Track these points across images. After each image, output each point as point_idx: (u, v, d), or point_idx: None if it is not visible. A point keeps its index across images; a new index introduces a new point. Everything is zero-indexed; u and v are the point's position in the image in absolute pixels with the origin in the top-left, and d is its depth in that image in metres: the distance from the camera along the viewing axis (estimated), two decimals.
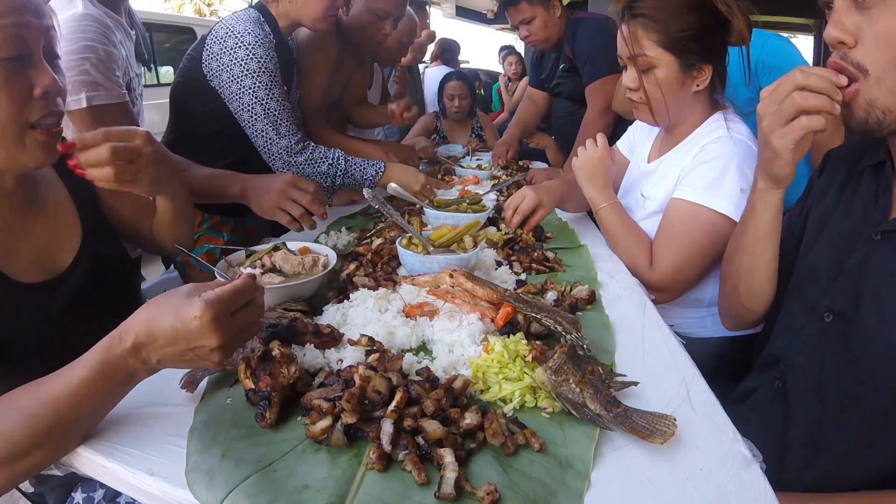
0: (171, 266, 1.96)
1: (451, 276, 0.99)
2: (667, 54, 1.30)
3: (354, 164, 1.77)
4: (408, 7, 2.49)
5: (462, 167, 2.48)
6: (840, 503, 0.89)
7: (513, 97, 5.87)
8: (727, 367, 1.39)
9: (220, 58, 1.63)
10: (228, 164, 1.73)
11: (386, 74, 3.05)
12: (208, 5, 27.66)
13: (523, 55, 6.62)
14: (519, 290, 1.08)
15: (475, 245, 1.22)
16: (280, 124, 1.68)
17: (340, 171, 1.76)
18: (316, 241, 1.47)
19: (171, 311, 0.68)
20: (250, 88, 1.63)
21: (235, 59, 1.62)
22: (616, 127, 2.43)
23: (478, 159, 2.73)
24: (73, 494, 1.10)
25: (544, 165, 2.94)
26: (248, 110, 1.66)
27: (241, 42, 1.61)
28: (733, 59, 1.38)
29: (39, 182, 1.06)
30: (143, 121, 2.24)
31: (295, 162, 1.71)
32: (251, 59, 1.62)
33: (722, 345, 1.48)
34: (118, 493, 1.07)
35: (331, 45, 2.10)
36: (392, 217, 1.22)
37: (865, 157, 0.99)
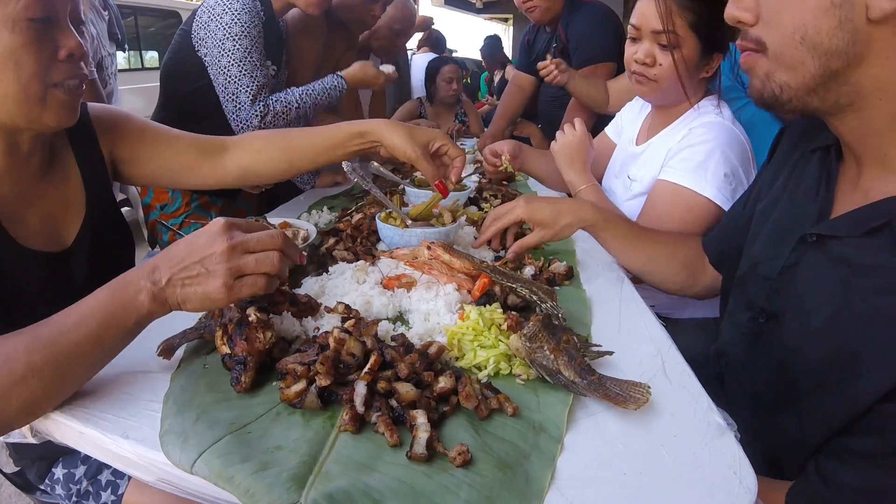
0: (157, 247, 1.95)
1: (428, 248, 0.99)
2: (695, 37, 1.30)
3: (318, 93, 1.79)
4: None
5: None
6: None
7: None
8: (708, 347, 1.41)
9: (208, 25, 1.64)
10: None
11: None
12: None
13: (510, 41, 6.52)
14: (497, 264, 1.09)
15: (454, 220, 1.22)
16: (252, 89, 1.68)
17: (309, 105, 1.77)
18: (297, 219, 1.47)
19: (187, 237, 0.76)
20: (230, 51, 1.64)
21: (221, 24, 1.62)
22: (600, 119, 2.44)
23: (461, 143, 2.73)
24: (53, 470, 1.09)
25: None
26: (224, 73, 1.66)
27: (229, 8, 1.62)
28: None
29: (54, 147, 1.05)
30: (118, 100, 2.23)
31: (266, 123, 1.71)
32: (235, 23, 1.62)
33: (703, 326, 1.50)
34: (100, 470, 1.07)
35: (320, 28, 2.09)
36: (371, 190, 1.22)
37: (818, 136, 0.92)
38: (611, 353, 0.85)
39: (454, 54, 8.11)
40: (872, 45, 0.67)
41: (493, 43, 6.47)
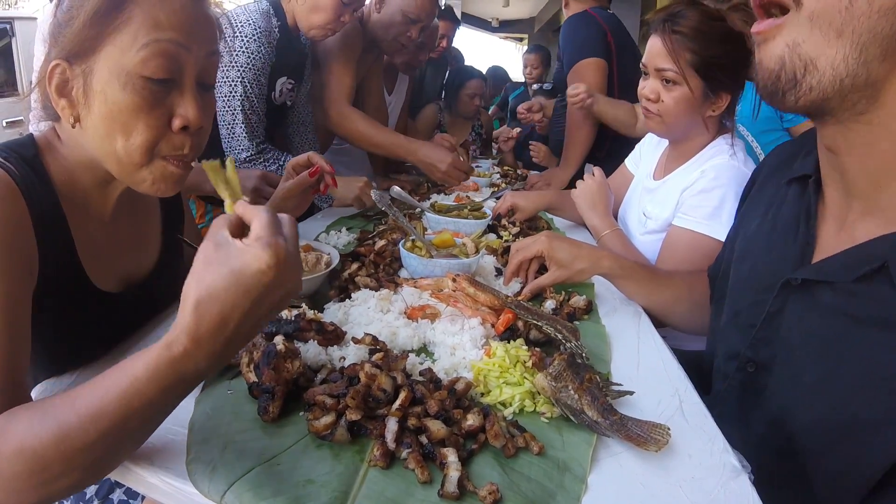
0: None
1: (453, 280, 1.00)
2: (695, 75, 1.33)
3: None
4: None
5: None
6: None
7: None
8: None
9: None
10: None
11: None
12: None
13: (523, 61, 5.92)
14: (519, 298, 1.10)
15: (477, 251, 1.24)
16: (247, 124, 1.71)
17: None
18: (315, 239, 1.49)
19: (225, 271, 0.55)
20: (232, 80, 1.66)
21: (228, 48, 1.63)
22: (612, 140, 2.46)
23: (477, 165, 2.75)
24: None
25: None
26: (224, 100, 1.69)
27: (239, 32, 1.64)
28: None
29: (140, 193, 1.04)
30: None
31: (255, 163, 1.76)
32: (242, 52, 1.64)
33: (710, 359, 1.50)
34: (112, 489, 1.07)
35: (357, 42, 2.13)
36: (398, 220, 1.23)
37: (794, 167, 0.85)
38: (631, 392, 0.86)
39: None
40: None
41: (497, 72, 5.88)
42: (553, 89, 3.33)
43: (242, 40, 1.64)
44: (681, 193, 1.41)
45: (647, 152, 1.73)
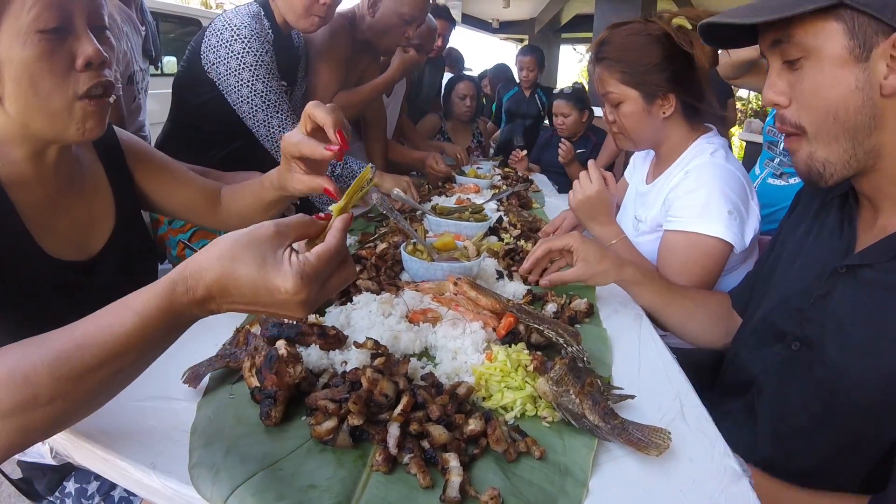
0: (166, 260, 1.96)
1: (455, 283, 1.00)
2: (629, 89, 1.43)
3: (348, 157, 1.86)
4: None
5: (463, 174, 2.50)
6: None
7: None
8: (716, 379, 1.42)
9: (217, 51, 1.66)
10: (224, 157, 1.78)
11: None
12: None
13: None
14: (521, 302, 1.10)
15: (478, 254, 1.24)
16: (280, 114, 1.72)
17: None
18: None
19: (254, 271, 0.61)
20: (248, 81, 1.67)
21: (232, 52, 1.64)
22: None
23: (478, 167, 2.75)
24: (65, 483, 1.09)
25: (544, 178, 3.02)
26: (247, 102, 1.69)
27: (238, 35, 1.64)
28: None
29: (81, 161, 1.06)
30: (145, 113, 2.24)
31: None
32: (247, 52, 1.64)
33: (712, 357, 1.51)
34: (113, 486, 1.07)
35: (344, 42, 2.13)
36: (399, 223, 1.23)
37: (836, 187, 1.01)
38: (632, 396, 0.86)
39: (469, 72, 8.03)
40: (886, 115, 0.82)
41: (502, 69, 5.65)
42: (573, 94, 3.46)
43: (242, 42, 1.64)
44: (667, 194, 1.44)
45: (639, 160, 1.78)
